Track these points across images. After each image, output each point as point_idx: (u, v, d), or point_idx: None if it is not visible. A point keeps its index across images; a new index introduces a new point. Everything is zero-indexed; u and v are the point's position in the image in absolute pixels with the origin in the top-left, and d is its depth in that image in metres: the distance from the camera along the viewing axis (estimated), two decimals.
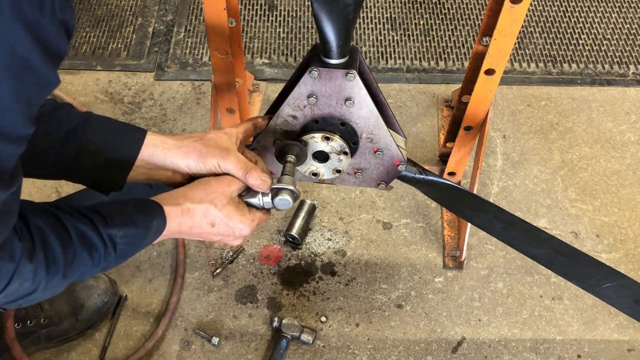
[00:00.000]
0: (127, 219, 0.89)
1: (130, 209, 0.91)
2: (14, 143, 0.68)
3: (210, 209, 0.99)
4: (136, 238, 0.91)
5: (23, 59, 0.63)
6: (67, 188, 1.79)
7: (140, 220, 0.91)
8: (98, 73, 2.08)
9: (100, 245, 0.85)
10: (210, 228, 1.01)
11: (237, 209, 1.02)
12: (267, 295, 1.63)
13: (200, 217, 0.98)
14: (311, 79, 1.05)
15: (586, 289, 1.39)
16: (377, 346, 1.56)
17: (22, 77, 0.64)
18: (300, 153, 1.12)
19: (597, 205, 1.81)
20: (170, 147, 1.02)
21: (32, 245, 0.78)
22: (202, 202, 0.98)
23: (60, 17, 0.65)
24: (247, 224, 1.04)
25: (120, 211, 0.90)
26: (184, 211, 0.97)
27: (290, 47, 2.16)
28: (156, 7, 2.27)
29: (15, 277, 0.76)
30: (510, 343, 1.57)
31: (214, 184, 1.01)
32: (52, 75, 0.67)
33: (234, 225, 1.02)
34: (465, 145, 1.62)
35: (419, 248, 1.72)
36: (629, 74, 2.11)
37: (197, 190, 0.99)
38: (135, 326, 1.58)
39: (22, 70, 0.63)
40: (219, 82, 1.54)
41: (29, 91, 0.66)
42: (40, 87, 0.68)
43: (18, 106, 0.65)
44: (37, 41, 0.63)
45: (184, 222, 0.98)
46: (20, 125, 0.67)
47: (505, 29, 1.28)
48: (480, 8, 2.27)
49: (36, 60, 0.64)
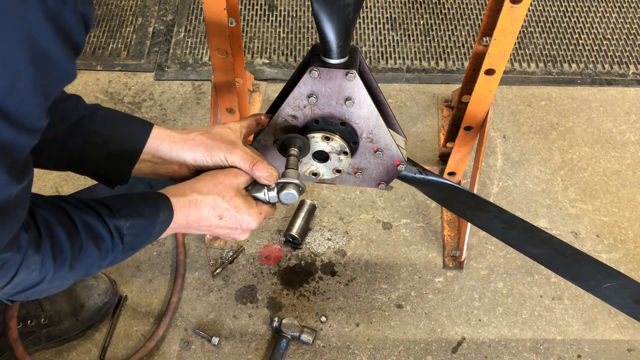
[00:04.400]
0: (133, 210, 0.88)
1: (136, 201, 0.90)
2: (29, 134, 0.67)
3: (218, 200, 0.97)
4: (143, 229, 0.90)
5: (45, 51, 0.62)
6: (67, 188, 1.79)
7: (147, 212, 0.90)
8: (98, 73, 2.08)
9: (107, 236, 0.85)
10: (219, 220, 0.99)
11: (245, 201, 1.01)
12: (267, 295, 1.63)
13: (209, 209, 0.97)
14: (311, 79, 1.05)
15: (586, 289, 1.39)
16: (377, 346, 1.56)
17: (43, 69, 0.64)
18: (303, 145, 1.11)
19: (597, 205, 1.81)
20: (176, 140, 1.01)
21: (38, 235, 0.77)
22: (210, 193, 0.97)
23: (81, 10, 0.65)
24: (255, 217, 1.02)
25: (126, 203, 0.89)
26: (191, 203, 0.96)
27: (290, 47, 2.16)
28: (156, 7, 2.27)
29: (22, 268, 0.76)
30: (510, 343, 1.57)
31: (221, 176, 1.00)
32: (70, 68, 0.67)
33: (242, 218, 1.01)
34: (465, 145, 1.62)
35: (419, 248, 1.72)
36: (629, 74, 2.11)
37: (204, 182, 0.98)
38: (135, 326, 1.58)
39: (44, 61, 0.63)
40: (219, 82, 1.54)
41: (48, 83, 0.66)
42: (58, 80, 0.67)
43: (37, 98, 0.65)
44: (59, 33, 0.63)
45: (192, 214, 0.96)
46: (37, 116, 0.67)
47: (505, 29, 1.28)
48: (480, 8, 2.27)
49: (57, 52, 0.64)
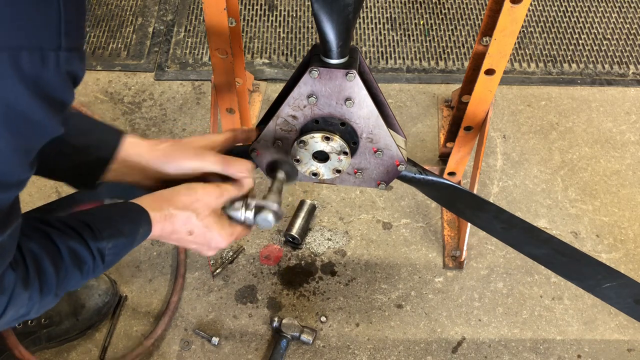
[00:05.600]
0: (115, 231, 0.88)
1: (118, 218, 0.91)
2: (13, 188, 0.67)
3: (192, 217, 0.98)
4: (123, 247, 0.91)
5: (21, 113, 0.62)
6: (67, 188, 1.78)
7: (128, 229, 0.91)
8: (98, 73, 2.08)
9: (89, 260, 0.85)
10: (188, 236, 1.00)
11: (218, 221, 1.02)
12: (267, 295, 1.63)
13: (181, 224, 0.98)
14: (311, 79, 1.05)
15: (586, 289, 1.39)
16: (377, 346, 1.56)
17: (20, 130, 0.63)
18: (291, 172, 1.08)
19: (597, 205, 1.81)
20: (146, 149, 1.01)
21: (26, 272, 0.76)
22: (185, 209, 0.97)
23: (66, 69, 0.63)
24: (225, 238, 1.03)
25: (108, 222, 0.89)
26: (166, 217, 0.96)
27: (290, 47, 2.16)
28: (156, 7, 2.27)
29: (10, 307, 0.75)
30: (510, 343, 1.57)
31: (200, 192, 1.00)
32: (53, 125, 0.66)
33: (212, 237, 1.02)
34: (465, 145, 1.62)
35: (419, 248, 1.72)
36: (629, 74, 2.11)
37: (182, 196, 0.98)
38: (135, 326, 1.58)
39: (21, 123, 0.62)
40: (219, 82, 1.54)
41: (27, 142, 0.65)
42: (40, 137, 0.67)
43: (17, 157, 0.65)
44: (37, 95, 0.62)
45: (166, 228, 0.97)
46: (19, 172, 0.67)
47: (505, 29, 1.28)
48: (480, 8, 2.27)
49: (36, 112, 0.63)
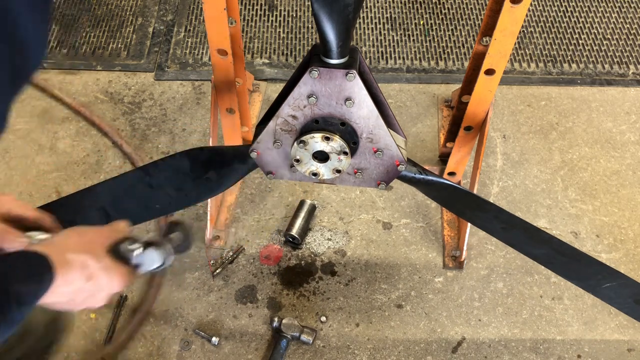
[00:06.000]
0: (27, 297, 0.79)
1: (23, 282, 0.80)
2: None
3: (88, 260, 0.88)
4: (30, 309, 0.81)
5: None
6: (67, 188, 1.79)
7: (33, 294, 0.80)
8: (98, 73, 2.08)
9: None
10: (85, 283, 0.88)
11: (115, 261, 0.93)
12: (267, 295, 1.63)
13: (79, 270, 0.87)
14: (311, 79, 1.05)
15: (586, 289, 1.39)
16: (377, 346, 1.56)
17: None
18: (184, 239, 1.02)
19: (597, 205, 1.81)
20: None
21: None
22: (81, 252, 0.88)
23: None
24: (123, 278, 0.93)
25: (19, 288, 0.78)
26: (63, 264, 0.85)
27: (290, 47, 2.16)
28: (156, 7, 2.27)
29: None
30: (510, 343, 1.57)
31: (91, 234, 0.93)
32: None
33: (110, 280, 0.91)
34: (465, 145, 1.62)
35: (419, 248, 1.72)
36: (629, 74, 2.11)
37: (73, 240, 0.90)
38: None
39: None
40: (219, 82, 1.54)
41: None
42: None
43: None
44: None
45: (66, 277, 0.85)
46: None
47: (505, 29, 1.28)
48: (480, 8, 2.27)
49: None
